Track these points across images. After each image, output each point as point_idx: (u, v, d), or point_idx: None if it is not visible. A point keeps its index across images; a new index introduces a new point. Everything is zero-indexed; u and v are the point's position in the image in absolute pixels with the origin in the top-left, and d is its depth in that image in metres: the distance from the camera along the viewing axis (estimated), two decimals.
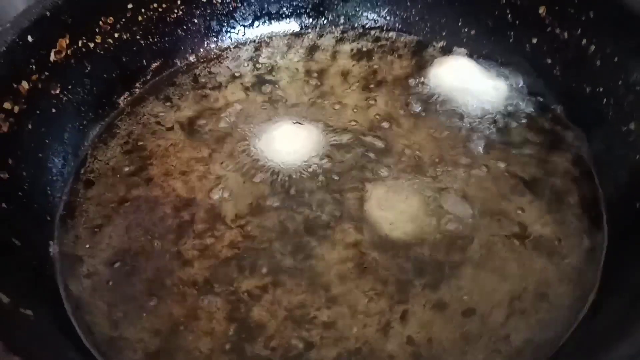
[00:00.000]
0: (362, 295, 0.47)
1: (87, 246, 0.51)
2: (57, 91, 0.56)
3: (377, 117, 0.60)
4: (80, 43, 0.57)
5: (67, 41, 0.56)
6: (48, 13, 0.53)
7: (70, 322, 0.46)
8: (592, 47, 0.56)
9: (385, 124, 0.60)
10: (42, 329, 0.41)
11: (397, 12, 0.70)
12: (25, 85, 0.51)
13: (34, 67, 0.53)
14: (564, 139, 0.58)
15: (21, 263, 0.46)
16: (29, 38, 0.51)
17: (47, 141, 0.54)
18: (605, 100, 0.55)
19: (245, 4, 0.69)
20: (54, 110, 0.55)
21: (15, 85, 0.50)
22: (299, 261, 0.50)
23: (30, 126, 0.52)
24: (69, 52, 0.56)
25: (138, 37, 0.63)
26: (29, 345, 0.33)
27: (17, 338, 0.33)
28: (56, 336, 0.43)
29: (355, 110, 0.61)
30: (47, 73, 0.54)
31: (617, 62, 0.54)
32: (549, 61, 0.61)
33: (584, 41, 0.57)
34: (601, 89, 0.55)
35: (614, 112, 0.54)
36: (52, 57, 0.55)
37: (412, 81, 0.64)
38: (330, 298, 0.47)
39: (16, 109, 0.50)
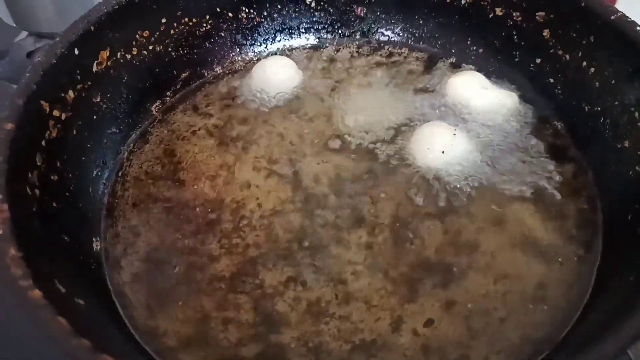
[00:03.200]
0: (376, 292, 0.51)
1: (126, 243, 0.55)
2: (98, 99, 0.59)
3: (389, 126, 0.64)
4: (119, 55, 0.61)
5: (108, 53, 0.60)
6: (92, 28, 0.56)
7: (116, 311, 0.50)
8: (592, 69, 0.60)
9: (395, 132, 0.64)
10: (93, 317, 0.45)
11: (410, 30, 0.74)
12: (71, 94, 0.55)
13: (78, 77, 0.56)
14: (564, 153, 0.61)
15: (71, 257, 0.49)
16: (76, 51, 0.55)
17: (88, 146, 0.58)
18: (602, 118, 0.59)
19: (268, 20, 0.73)
20: (95, 117, 0.59)
21: (63, 94, 0.54)
22: (317, 260, 0.53)
23: (74, 132, 0.56)
24: (109, 63, 0.60)
25: (170, 49, 0.67)
26: (86, 330, 0.37)
27: (77, 323, 0.37)
28: (105, 323, 0.47)
29: (369, 120, 0.65)
30: (89, 83, 0.58)
31: (614, 84, 0.57)
32: (551, 80, 0.64)
33: (584, 63, 0.60)
34: (599, 108, 0.59)
35: (611, 130, 0.58)
36: (95, 68, 0.58)
37: (422, 93, 0.68)
38: (346, 294, 0.51)
39: (63, 116, 0.54)
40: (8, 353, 0.56)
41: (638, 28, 0.54)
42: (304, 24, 0.75)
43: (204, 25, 0.70)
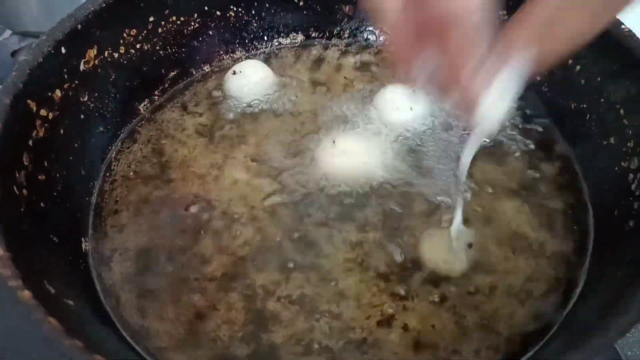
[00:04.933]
0: (367, 289, 0.51)
1: (115, 243, 0.55)
2: (85, 99, 0.59)
3: (378, 122, 0.64)
4: (106, 54, 0.61)
5: (95, 52, 0.59)
6: (79, 26, 0.56)
7: (106, 311, 0.50)
8: (578, 67, 0.60)
9: (384, 128, 0.63)
10: (83, 317, 0.45)
11: None
12: (58, 93, 0.55)
13: (66, 76, 0.56)
14: (552, 150, 0.62)
15: (59, 258, 0.49)
16: (63, 49, 0.55)
17: (76, 145, 0.58)
18: (588, 116, 0.59)
19: (256, 18, 0.73)
20: (82, 116, 0.59)
21: (50, 94, 0.54)
22: (308, 259, 0.53)
23: (62, 131, 0.55)
24: (96, 62, 0.60)
25: (157, 48, 0.67)
26: (77, 331, 0.37)
27: (68, 324, 0.37)
28: (95, 323, 0.47)
29: (356, 117, 0.65)
30: (77, 82, 0.57)
31: (599, 81, 0.58)
32: (538, 78, 0.64)
33: (570, 61, 0.60)
34: (585, 106, 0.60)
35: (597, 127, 0.58)
36: (82, 67, 0.58)
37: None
38: (337, 292, 0.51)
39: (50, 115, 0.53)
40: (8, 353, 0.55)
41: (623, 27, 0.55)
42: (292, 23, 0.74)
43: (192, 23, 0.69)
